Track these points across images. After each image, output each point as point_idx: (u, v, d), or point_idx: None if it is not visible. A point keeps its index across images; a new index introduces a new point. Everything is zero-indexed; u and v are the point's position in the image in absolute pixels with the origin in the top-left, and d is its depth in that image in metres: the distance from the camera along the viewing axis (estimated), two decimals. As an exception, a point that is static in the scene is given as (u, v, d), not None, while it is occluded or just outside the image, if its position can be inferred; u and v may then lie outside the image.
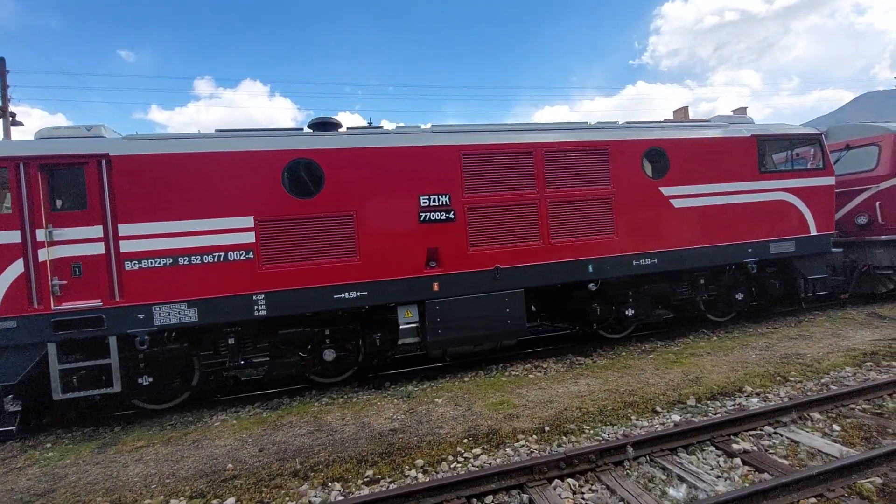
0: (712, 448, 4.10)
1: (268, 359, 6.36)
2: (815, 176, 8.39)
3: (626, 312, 7.81)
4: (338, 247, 6.22)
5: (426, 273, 6.53)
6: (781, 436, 4.23)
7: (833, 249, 8.66)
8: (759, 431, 4.32)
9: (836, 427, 4.29)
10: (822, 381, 5.51)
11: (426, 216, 6.52)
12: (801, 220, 8.26)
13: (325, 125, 6.72)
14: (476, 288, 6.70)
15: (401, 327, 7.18)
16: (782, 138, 8.35)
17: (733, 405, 5.09)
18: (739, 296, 8.44)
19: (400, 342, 7.44)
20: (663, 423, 4.76)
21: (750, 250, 7.97)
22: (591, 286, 7.36)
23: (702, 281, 8.01)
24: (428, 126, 7.10)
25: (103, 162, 5.65)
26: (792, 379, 5.70)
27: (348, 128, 6.97)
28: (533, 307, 8.19)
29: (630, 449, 3.97)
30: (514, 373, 6.96)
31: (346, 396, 6.51)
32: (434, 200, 6.55)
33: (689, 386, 5.70)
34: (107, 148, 5.70)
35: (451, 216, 6.62)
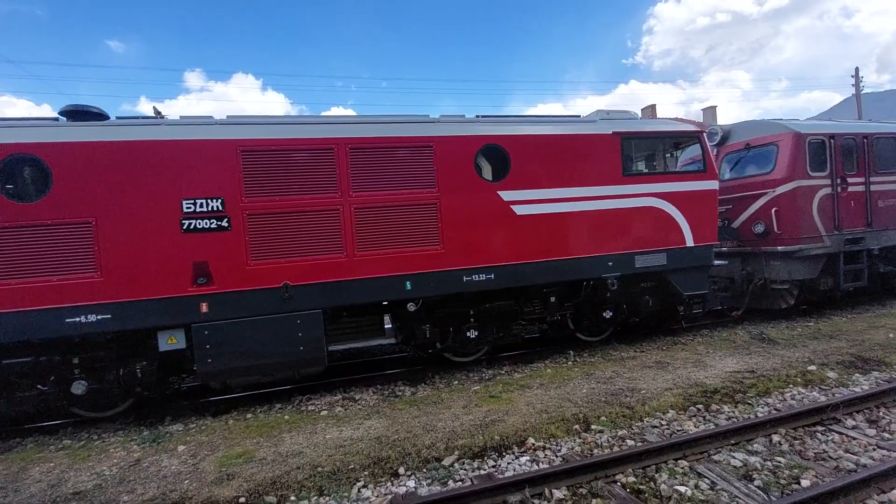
0: (389, 545, 3.11)
1: (-7, 394, 5.31)
2: (692, 179, 7.39)
3: (468, 335, 6.82)
4: (71, 261, 5.16)
5: (192, 292, 5.49)
6: (492, 525, 3.24)
7: (717, 262, 7.68)
8: (467, 518, 3.32)
9: (567, 513, 3.30)
10: (621, 433, 4.52)
11: (191, 224, 5.48)
12: (675, 230, 7.26)
13: (78, 114, 5.64)
14: (259, 309, 5.67)
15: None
16: (652, 136, 7.33)
17: (493, 466, 4.11)
18: (608, 314, 7.46)
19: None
20: (390, 494, 3.77)
21: (610, 264, 6.96)
22: (411, 305, 6.35)
23: (552, 299, 7.00)
24: (220, 117, 6.07)
25: None
26: (594, 427, 4.71)
27: (117, 117, 5.90)
28: (387, 323, 7.24)
29: (266, 549, 2.96)
30: (310, 407, 5.96)
31: (93, 438, 5.48)
32: (202, 206, 5.51)
33: (472, 434, 4.71)
34: None
35: (225, 224, 5.57)
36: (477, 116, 7.02)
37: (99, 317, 5.22)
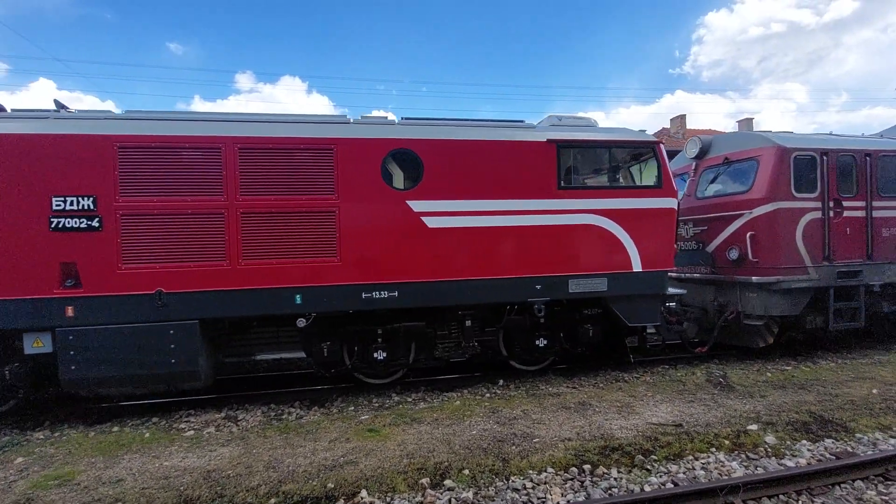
0: None
1: None
2: (644, 196, 6.50)
3: (375, 356, 6.24)
4: (-69, 256, 4.98)
5: (58, 294, 5.19)
6: None
7: (672, 290, 6.75)
8: None
9: None
10: (466, 496, 3.81)
11: (60, 222, 5.18)
12: (620, 252, 6.40)
13: (-36, 104, 5.48)
14: (130, 316, 5.32)
15: None
16: (596, 145, 6.48)
17: (296, 526, 3.52)
18: (541, 342, 6.68)
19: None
20: (157, 549, 3.26)
21: (538, 287, 6.20)
22: (301, 322, 5.83)
23: (468, 322, 6.30)
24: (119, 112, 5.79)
25: None
26: (447, 483, 4.02)
27: (13, 110, 5.71)
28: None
29: None
30: (182, 425, 5.55)
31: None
32: (72, 203, 5.20)
33: (309, 478, 4.13)
34: None
35: (96, 224, 5.25)
36: (402, 119, 6.44)
37: (-45, 315, 5.00)
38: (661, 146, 6.59)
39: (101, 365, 5.27)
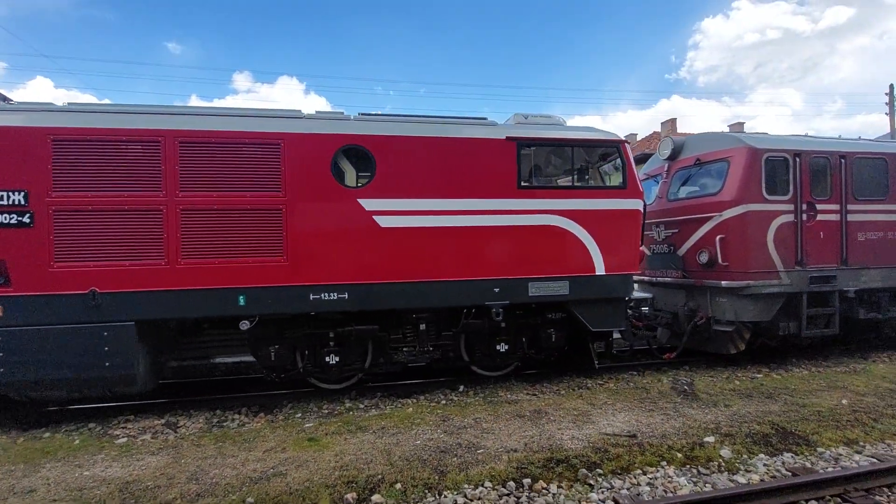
0: None
1: None
2: (608, 196, 6.28)
3: (327, 360, 6.01)
4: None
5: (-16, 293, 4.95)
6: None
7: (637, 294, 6.54)
8: None
9: None
10: (390, 512, 3.58)
11: (-12, 218, 4.95)
12: (583, 255, 6.18)
13: None
14: (62, 317, 5.08)
15: None
16: (560, 144, 6.27)
17: (200, 544, 3.28)
18: (502, 347, 6.44)
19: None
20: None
21: (496, 290, 5.97)
22: (244, 324, 5.59)
23: (422, 326, 6.07)
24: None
25: None
26: (374, 499, 3.78)
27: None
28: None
29: None
30: (118, 431, 5.30)
31: None
32: (2, 198, 4.97)
33: (230, 491, 3.89)
34: None
35: (27, 220, 5.01)
36: (360, 114, 6.22)
37: None
38: (627, 145, 6.38)
39: (31, 367, 5.02)
